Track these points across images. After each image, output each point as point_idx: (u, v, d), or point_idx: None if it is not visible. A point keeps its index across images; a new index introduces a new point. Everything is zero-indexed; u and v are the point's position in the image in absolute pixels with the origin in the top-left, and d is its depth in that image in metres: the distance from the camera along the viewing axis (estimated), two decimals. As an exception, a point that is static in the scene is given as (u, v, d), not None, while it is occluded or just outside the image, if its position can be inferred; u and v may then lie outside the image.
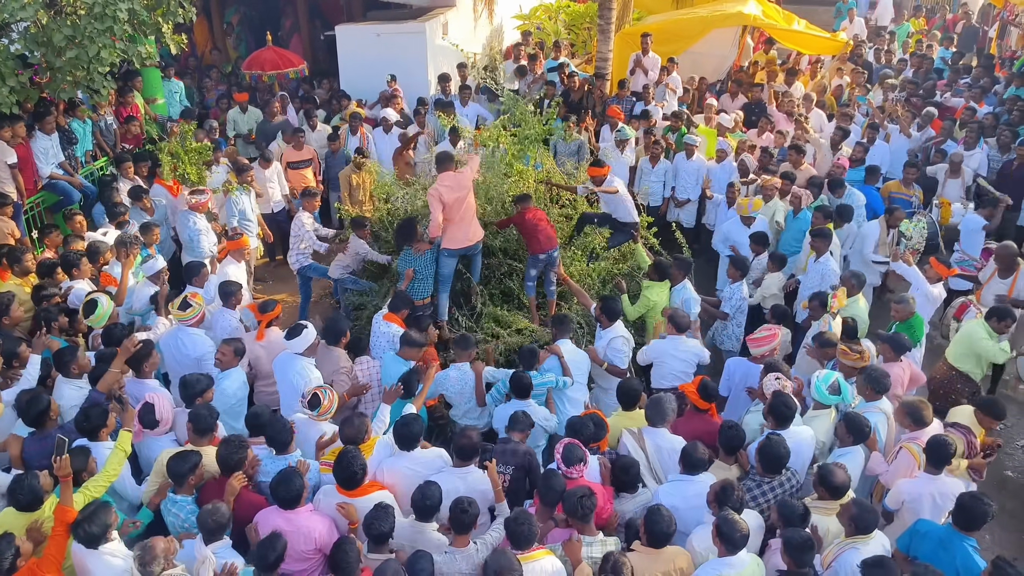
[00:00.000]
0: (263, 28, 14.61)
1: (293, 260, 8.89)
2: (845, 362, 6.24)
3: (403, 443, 5.14)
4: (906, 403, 5.65)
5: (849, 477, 4.92)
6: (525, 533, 4.23)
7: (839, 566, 4.50)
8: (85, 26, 8.19)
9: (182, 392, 5.63)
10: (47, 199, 8.98)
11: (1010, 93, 12.66)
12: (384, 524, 4.35)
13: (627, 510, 5.09)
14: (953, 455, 5.16)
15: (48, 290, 6.82)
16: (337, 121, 12.02)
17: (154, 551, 4.11)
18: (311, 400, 5.53)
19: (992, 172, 10.52)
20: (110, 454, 4.94)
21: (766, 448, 5.02)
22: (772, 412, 5.40)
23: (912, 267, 7.55)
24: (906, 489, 5.18)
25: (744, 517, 4.46)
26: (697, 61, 14.71)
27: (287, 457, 5.16)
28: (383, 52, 13.04)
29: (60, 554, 4.33)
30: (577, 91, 12.64)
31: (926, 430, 5.47)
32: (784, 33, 14.21)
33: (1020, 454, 7.49)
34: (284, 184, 10.56)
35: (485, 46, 15.96)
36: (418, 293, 7.57)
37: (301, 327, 6.15)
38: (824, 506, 4.83)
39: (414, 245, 7.49)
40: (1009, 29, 16.74)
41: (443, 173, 7.42)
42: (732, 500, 4.52)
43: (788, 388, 5.68)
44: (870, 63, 15.36)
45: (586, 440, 5.18)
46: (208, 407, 5.40)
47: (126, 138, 10.44)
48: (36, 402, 5.30)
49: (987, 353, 6.79)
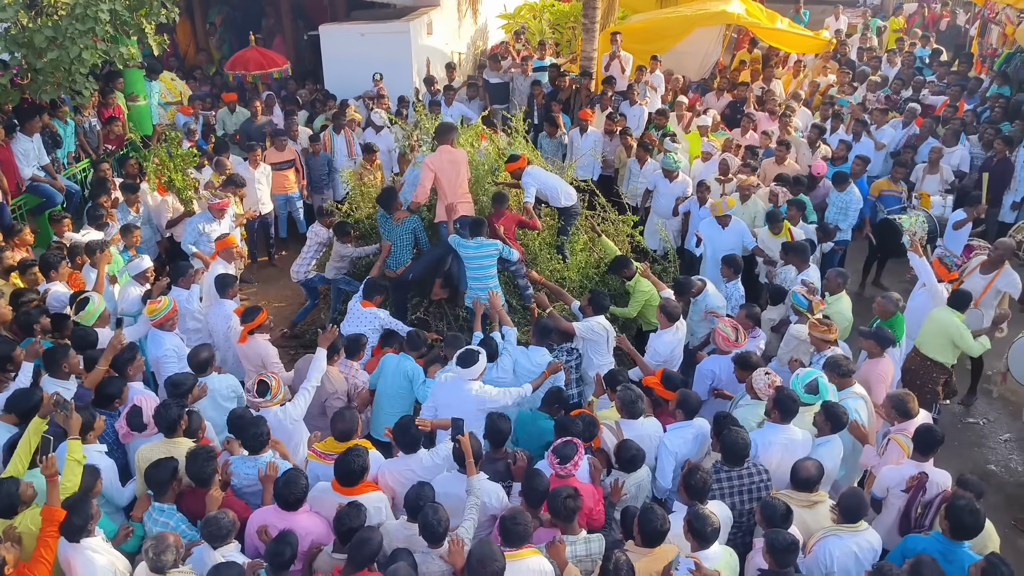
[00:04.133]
0: (246, 28, 14.54)
1: (298, 271, 8.87)
2: (815, 334, 6.37)
3: (404, 447, 5.16)
4: (892, 395, 5.71)
5: (820, 470, 4.92)
6: (520, 532, 4.23)
7: (819, 550, 4.56)
8: (66, 27, 8.13)
9: (169, 392, 5.62)
10: (29, 201, 8.91)
11: (993, 91, 12.77)
12: (352, 522, 4.33)
13: (626, 488, 5.15)
14: (941, 442, 5.21)
15: (26, 296, 6.76)
16: (323, 121, 11.99)
17: (166, 541, 4.12)
18: (259, 387, 5.61)
19: (974, 169, 10.61)
20: (64, 467, 4.74)
21: (725, 439, 5.05)
22: (778, 406, 5.40)
23: (923, 259, 7.45)
24: (889, 475, 5.23)
25: (713, 508, 4.52)
26: (681, 60, 14.77)
27: (259, 458, 5.12)
28: (367, 52, 13.02)
29: (51, 556, 4.29)
30: (566, 90, 12.68)
31: (913, 421, 5.53)
32: (767, 32, 14.28)
33: (1003, 448, 7.57)
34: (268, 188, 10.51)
35: (470, 45, 15.95)
36: (393, 264, 7.89)
37: (475, 353, 5.79)
38: (797, 497, 4.86)
39: (393, 214, 7.72)
40: (990, 27, 16.88)
41: (442, 145, 7.71)
42: (696, 480, 4.64)
43: (778, 381, 5.72)
44: (853, 61, 15.47)
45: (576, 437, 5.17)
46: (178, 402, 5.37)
47: (108, 139, 10.38)
48: (27, 397, 5.29)
49: (967, 348, 6.90)
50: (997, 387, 8.08)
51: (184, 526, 4.73)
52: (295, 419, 5.77)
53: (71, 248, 7.57)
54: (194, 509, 4.84)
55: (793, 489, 4.93)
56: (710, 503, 4.69)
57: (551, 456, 4.88)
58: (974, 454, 7.43)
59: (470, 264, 7.30)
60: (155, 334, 6.52)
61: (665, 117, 11.51)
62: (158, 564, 4.09)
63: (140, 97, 11.13)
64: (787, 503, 4.62)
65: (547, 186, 8.14)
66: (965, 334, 6.86)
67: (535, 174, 8.11)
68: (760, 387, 5.71)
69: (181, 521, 4.77)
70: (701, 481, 4.64)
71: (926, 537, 4.66)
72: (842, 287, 7.31)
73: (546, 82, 13.04)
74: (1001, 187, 10.27)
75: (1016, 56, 13.28)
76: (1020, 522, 6.60)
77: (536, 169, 8.25)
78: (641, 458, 5.13)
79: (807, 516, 4.82)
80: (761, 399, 5.71)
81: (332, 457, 5.02)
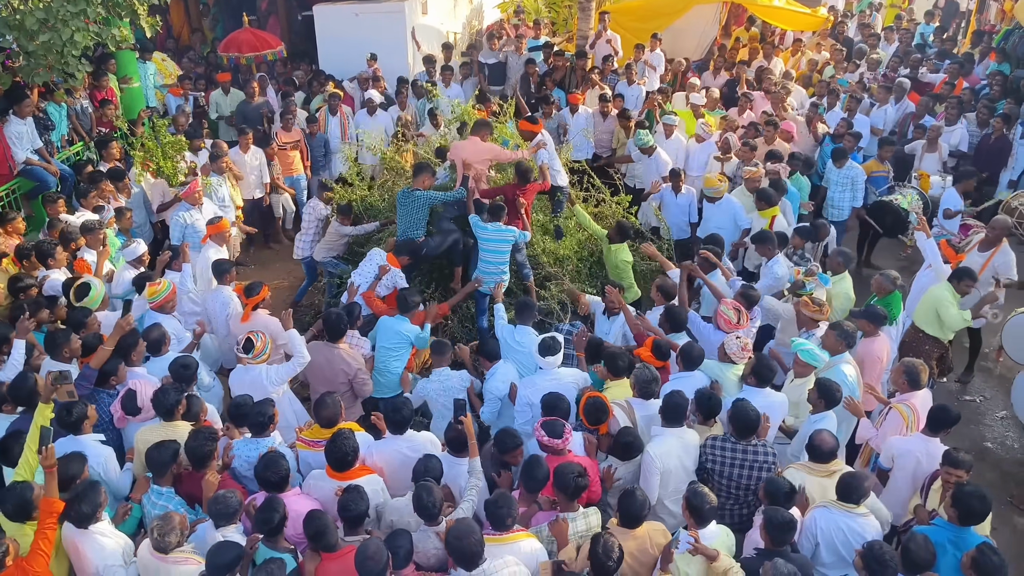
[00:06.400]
0: (240, 9, 14.42)
1: (301, 248, 8.91)
2: (806, 312, 6.41)
3: (394, 427, 5.16)
4: (906, 362, 5.72)
5: (836, 441, 4.98)
6: (504, 515, 4.24)
7: (808, 520, 4.62)
8: (58, 9, 8.04)
9: (176, 374, 5.63)
10: (23, 185, 8.86)
11: (992, 68, 12.70)
12: (358, 506, 4.35)
13: (622, 474, 5.16)
14: (956, 422, 5.23)
15: (24, 281, 6.74)
16: (319, 102, 11.93)
17: (172, 522, 4.17)
18: (245, 344, 5.73)
19: (971, 147, 10.58)
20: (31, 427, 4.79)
21: (736, 411, 5.08)
22: (755, 373, 5.57)
23: (929, 239, 7.43)
24: (897, 445, 5.25)
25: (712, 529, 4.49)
26: (678, 38, 14.69)
27: (263, 441, 5.14)
28: (362, 32, 12.93)
29: (49, 548, 4.29)
30: (560, 70, 12.60)
31: (915, 394, 5.56)
32: (764, 9, 14.20)
33: (999, 426, 7.60)
34: (266, 172, 10.48)
35: (465, 25, 15.84)
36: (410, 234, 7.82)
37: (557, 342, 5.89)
38: (816, 468, 4.91)
39: (423, 180, 7.73)
40: (988, 3, 16.76)
41: (473, 135, 8.06)
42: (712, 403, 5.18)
43: (749, 344, 5.91)
44: (851, 39, 15.37)
45: (563, 415, 5.19)
46: (176, 387, 5.39)
47: (102, 122, 10.31)
48: (23, 381, 5.31)
49: (949, 320, 6.85)
50: (994, 363, 8.10)
51: (183, 509, 4.74)
52: (275, 382, 5.83)
53: (64, 233, 7.52)
54: (191, 492, 4.85)
55: (812, 461, 4.96)
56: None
57: (539, 430, 4.92)
58: (971, 431, 7.45)
59: (485, 247, 7.40)
60: (152, 317, 6.51)
61: (665, 95, 11.45)
62: (162, 544, 4.13)
63: (133, 79, 11.05)
64: (792, 482, 4.66)
65: (553, 157, 8.30)
66: (948, 306, 6.83)
67: (548, 140, 8.34)
68: (733, 351, 5.84)
69: (180, 504, 4.78)
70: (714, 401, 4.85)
71: (931, 527, 4.59)
72: (844, 267, 7.30)
73: (541, 61, 12.98)
74: (998, 165, 10.24)
75: (1014, 33, 13.18)
76: (1017, 499, 6.65)
77: (548, 136, 8.43)
78: (638, 447, 5.10)
79: (828, 485, 4.83)
80: (735, 362, 5.85)
81: (320, 444, 5.02)
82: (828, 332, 6.08)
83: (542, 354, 5.73)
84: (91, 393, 5.50)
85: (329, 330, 6.22)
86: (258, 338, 5.80)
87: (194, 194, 8.47)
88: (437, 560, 4.41)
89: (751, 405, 5.09)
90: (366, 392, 6.27)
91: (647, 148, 9.83)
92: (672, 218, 9.27)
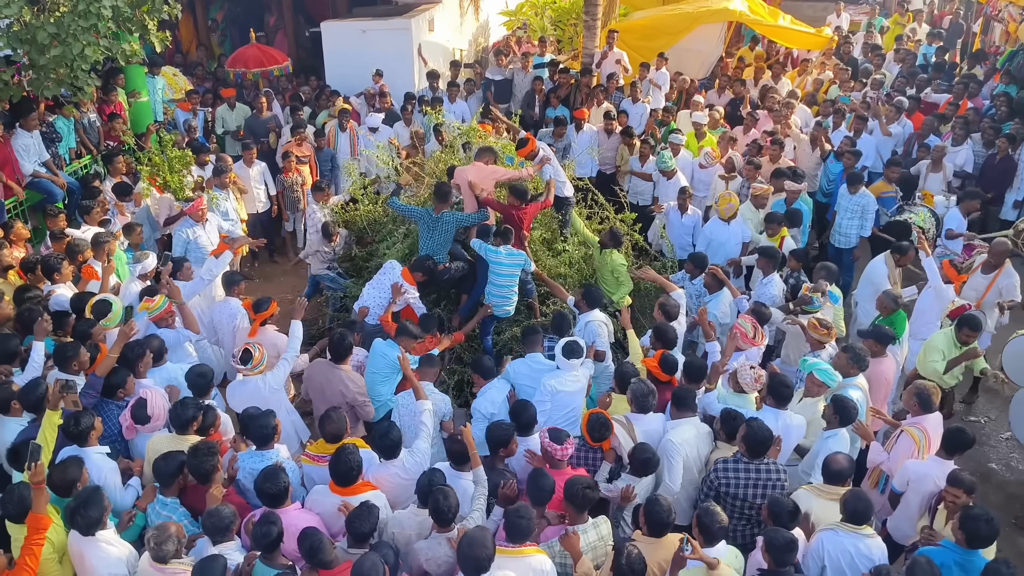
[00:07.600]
0: (247, 24, 14.54)
1: (308, 253, 9.06)
2: (813, 335, 6.38)
3: (385, 453, 5.12)
4: (918, 385, 5.68)
5: (851, 463, 4.97)
6: (524, 527, 4.24)
7: (815, 543, 4.58)
8: (69, 23, 8.11)
9: (194, 384, 5.66)
10: (30, 198, 8.89)
11: (998, 89, 12.72)
12: (366, 523, 4.33)
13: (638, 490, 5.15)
14: (971, 444, 5.22)
15: (31, 292, 6.75)
16: (325, 117, 11.98)
17: (167, 531, 4.16)
18: (243, 355, 5.72)
19: (976, 168, 10.57)
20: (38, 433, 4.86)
21: (750, 431, 5.03)
22: (772, 393, 5.53)
23: (930, 258, 7.44)
24: (914, 469, 5.21)
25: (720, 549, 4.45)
26: (683, 57, 14.74)
27: (267, 453, 5.12)
28: (369, 48, 13.01)
29: (35, 564, 4.26)
30: (565, 87, 12.66)
31: (928, 416, 5.52)
32: (769, 29, 14.26)
33: (1004, 447, 7.57)
34: (271, 185, 10.52)
35: (471, 42, 15.94)
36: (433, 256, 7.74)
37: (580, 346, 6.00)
38: (828, 491, 4.88)
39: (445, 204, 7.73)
40: (992, 25, 16.82)
41: (476, 161, 8.11)
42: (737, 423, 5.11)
43: (763, 376, 5.79)
44: (855, 59, 15.41)
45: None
46: (195, 402, 5.39)
47: (109, 135, 10.37)
48: (34, 387, 5.33)
49: (929, 371, 6.71)
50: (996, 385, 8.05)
51: (187, 521, 4.74)
52: (274, 388, 5.85)
53: (70, 246, 7.51)
54: (197, 505, 4.85)
55: (825, 483, 4.93)
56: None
57: (543, 436, 4.98)
58: (975, 452, 7.38)
59: (497, 271, 7.30)
60: (154, 330, 6.48)
61: (671, 115, 11.49)
62: (160, 553, 4.12)
63: (142, 94, 11.12)
64: (796, 502, 4.63)
65: (557, 169, 8.31)
66: (934, 355, 6.72)
67: (550, 153, 8.35)
68: (747, 382, 5.75)
69: (184, 516, 4.78)
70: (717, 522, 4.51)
71: (938, 549, 4.54)
72: (827, 283, 7.17)
73: (547, 78, 13.05)
74: (1003, 186, 10.24)
75: (1019, 54, 13.22)
76: (1021, 520, 6.61)
77: (547, 148, 8.44)
78: (655, 463, 5.09)
79: (837, 508, 4.77)
80: (746, 392, 5.78)
81: (325, 459, 5.01)
82: (840, 354, 6.05)
83: (566, 356, 5.83)
84: (97, 403, 5.50)
85: (333, 350, 6.18)
86: (255, 349, 5.79)
87: (199, 211, 8.48)
88: (448, 568, 4.40)
89: (764, 424, 5.07)
90: (366, 416, 6.21)
91: (668, 171, 9.78)
92: (676, 238, 9.26)
